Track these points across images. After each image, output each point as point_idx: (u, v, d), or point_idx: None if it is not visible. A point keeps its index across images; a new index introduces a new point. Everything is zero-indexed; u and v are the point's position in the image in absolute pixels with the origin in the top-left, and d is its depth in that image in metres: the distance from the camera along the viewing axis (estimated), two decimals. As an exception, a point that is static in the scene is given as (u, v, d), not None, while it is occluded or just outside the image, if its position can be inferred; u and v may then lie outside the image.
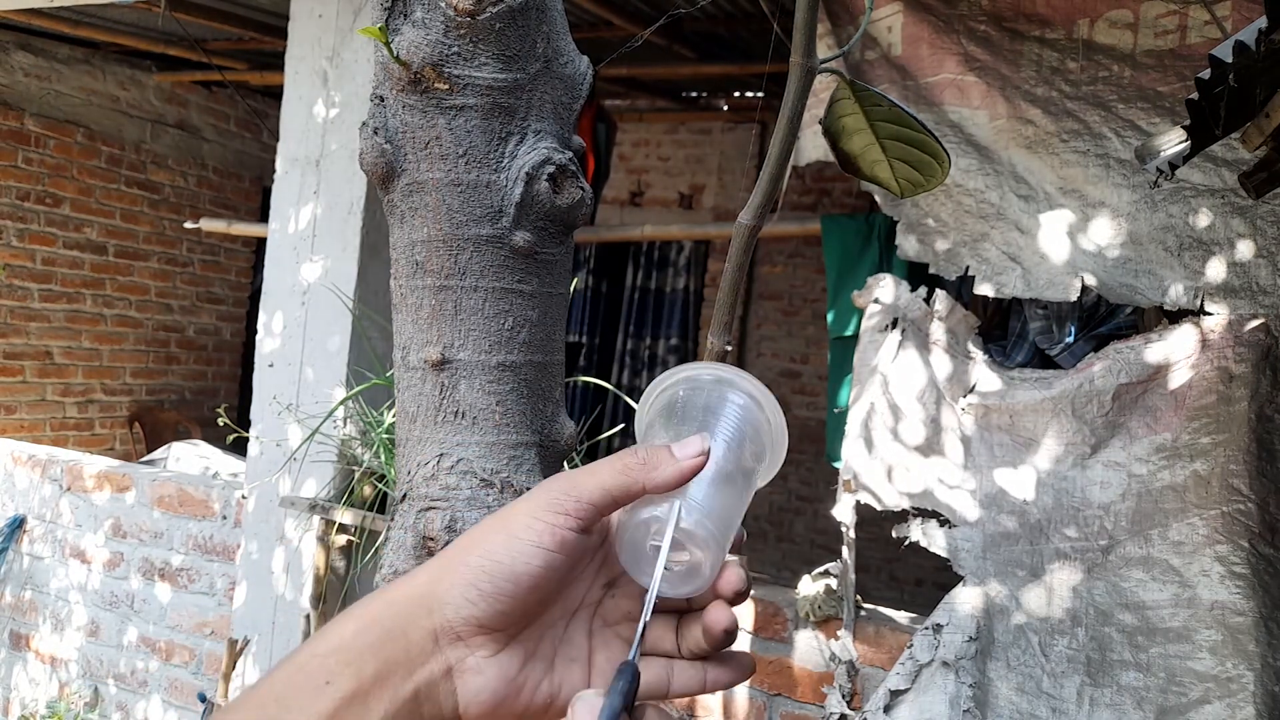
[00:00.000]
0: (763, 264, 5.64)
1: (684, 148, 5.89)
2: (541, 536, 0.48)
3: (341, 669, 0.46)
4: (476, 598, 0.47)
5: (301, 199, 3.08)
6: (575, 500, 0.48)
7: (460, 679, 0.48)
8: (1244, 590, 1.98)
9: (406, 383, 0.87)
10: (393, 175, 0.84)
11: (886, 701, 2.17)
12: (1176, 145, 1.35)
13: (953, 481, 2.34)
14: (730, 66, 4.23)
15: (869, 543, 3.57)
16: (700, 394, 0.54)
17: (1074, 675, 2.08)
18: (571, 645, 0.52)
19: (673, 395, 0.55)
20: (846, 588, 2.43)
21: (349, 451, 2.86)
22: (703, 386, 0.55)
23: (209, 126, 5.83)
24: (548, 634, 0.51)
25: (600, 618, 0.53)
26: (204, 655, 3.37)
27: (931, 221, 2.51)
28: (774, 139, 0.87)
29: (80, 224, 5.21)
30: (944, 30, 2.50)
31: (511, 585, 0.47)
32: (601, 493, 0.49)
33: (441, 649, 0.48)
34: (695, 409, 0.54)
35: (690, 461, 0.49)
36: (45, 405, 5.16)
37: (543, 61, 0.83)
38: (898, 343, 2.42)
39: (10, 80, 4.82)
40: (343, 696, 0.45)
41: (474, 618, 0.47)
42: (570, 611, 0.52)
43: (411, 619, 0.47)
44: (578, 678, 0.51)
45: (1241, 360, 2.10)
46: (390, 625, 0.47)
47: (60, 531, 3.69)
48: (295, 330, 3.07)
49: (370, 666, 0.46)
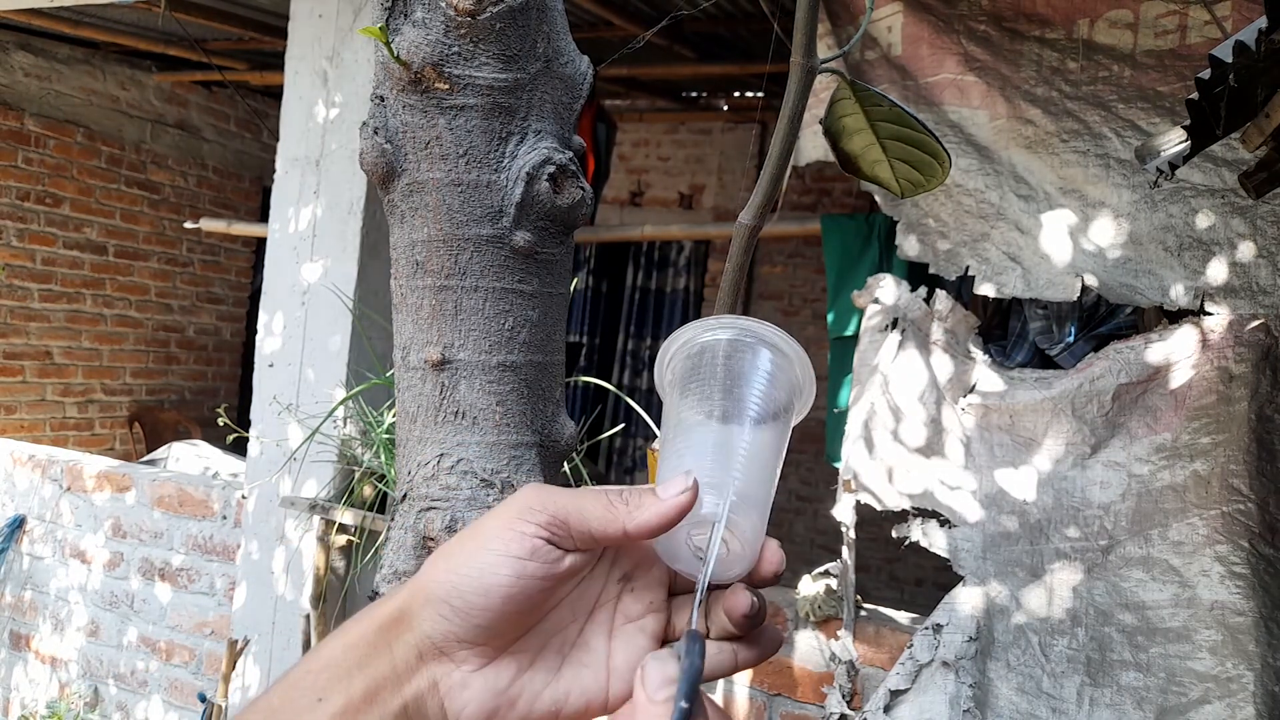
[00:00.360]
0: (763, 264, 5.64)
1: (684, 148, 5.89)
2: (510, 545, 0.46)
3: (332, 685, 0.46)
4: (450, 614, 0.46)
5: (301, 199, 3.08)
6: (548, 514, 0.47)
7: (446, 695, 0.48)
8: (1244, 590, 1.98)
9: (407, 383, 0.87)
10: (393, 175, 0.84)
11: (886, 701, 2.17)
12: (1176, 145, 1.35)
13: (953, 482, 2.34)
14: (730, 66, 4.23)
15: (869, 543, 3.58)
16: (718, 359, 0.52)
17: (1074, 675, 2.08)
18: (586, 650, 0.50)
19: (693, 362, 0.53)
20: (846, 588, 2.43)
21: (349, 451, 2.86)
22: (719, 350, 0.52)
23: (209, 126, 5.83)
24: (553, 640, 0.50)
25: (621, 614, 0.51)
26: (204, 655, 3.37)
27: (931, 221, 2.51)
28: (774, 139, 0.87)
29: (80, 224, 5.21)
30: (944, 30, 2.50)
31: (482, 599, 0.46)
32: (579, 516, 0.47)
33: (426, 665, 0.47)
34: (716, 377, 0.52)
35: (674, 502, 0.47)
36: (45, 405, 5.16)
37: (543, 61, 0.83)
38: (898, 343, 2.42)
39: (10, 80, 4.82)
40: (333, 713, 0.45)
41: (451, 634, 0.47)
42: (585, 613, 0.51)
43: (395, 636, 0.47)
44: (590, 683, 0.50)
45: (1241, 360, 2.10)
46: (376, 642, 0.47)
47: (60, 531, 3.69)
48: (295, 330, 3.07)
49: (359, 684, 0.46)
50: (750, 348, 0.52)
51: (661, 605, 0.51)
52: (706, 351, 0.53)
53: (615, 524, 0.47)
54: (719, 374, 0.52)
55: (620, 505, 0.47)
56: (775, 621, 2.52)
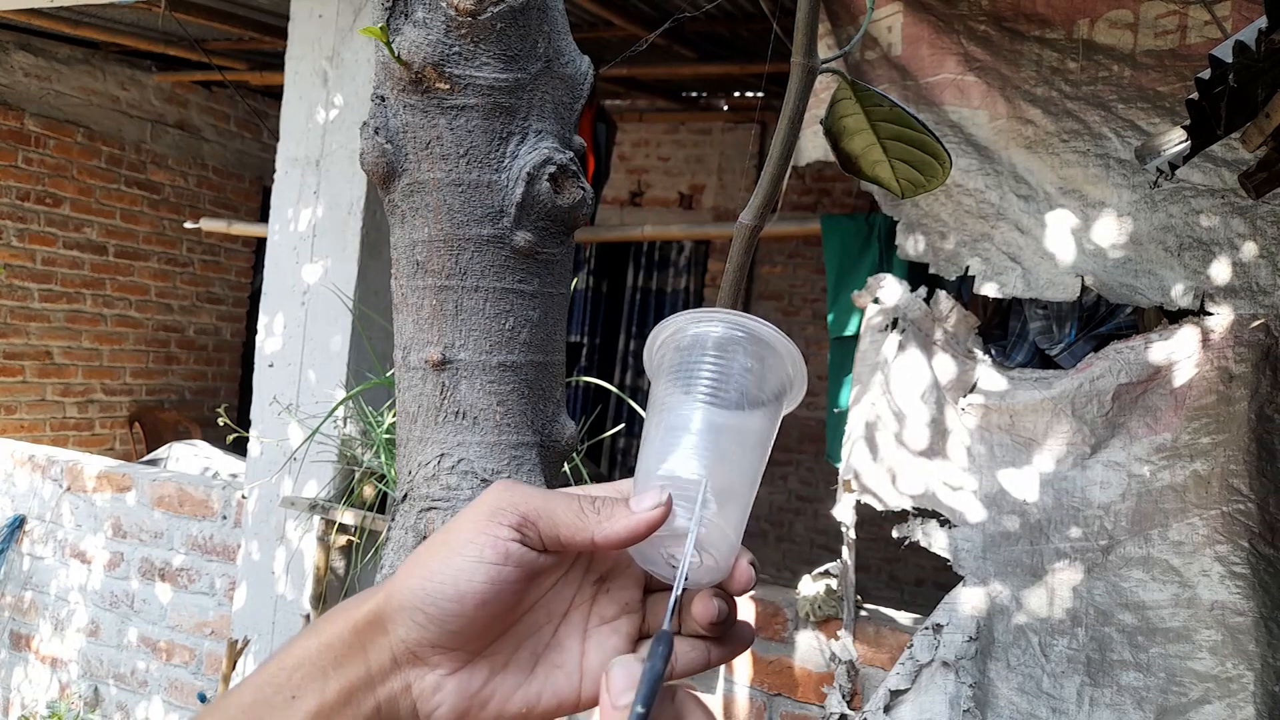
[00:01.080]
0: (763, 264, 5.65)
1: (684, 148, 5.89)
2: (483, 550, 0.46)
3: (306, 684, 0.46)
4: (424, 620, 0.46)
5: (301, 199, 3.08)
6: (519, 515, 0.47)
7: (419, 697, 0.48)
8: (1244, 590, 1.98)
9: (407, 383, 0.87)
10: (393, 175, 0.84)
11: (886, 701, 2.17)
12: (1176, 145, 1.35)
13: (954, 482, 2.34)
14: (730, 66, 4.23)
15: (869, 543, 3.57)
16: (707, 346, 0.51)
17: (1074, 675, 2.08)
18: (560, 650, 0.50)
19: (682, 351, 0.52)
20: (847, 588, 2.43)
21: (349, 452, 2.86)
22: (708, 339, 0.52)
23: (209, 126, 5.83)
24: (527, 642, 0.50)
25: (596, 615, 0.51)
26: (204, 655, 3.37)
27: (932, 221, 2.51)
28: (774, 139, 0.87)
29: (80, 224, 5.21)
30: (944, 30, 2.50)
31: (456, 605, 0.46)
32: (549, 520, 0.47)
33: (401, 668, 0.48)
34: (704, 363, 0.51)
35: (644, 518, 0.47)
36: (45, 405, 5.16)
37: (544, 61, 0.83)
38: (898, 343, 2.42)
39: (10, 80, 4.82)
40: (308, 712, 0.46)
41: (425, 640, 0.47)
42: (560, 615, 0.51)
43: (370, 639, 0.47)
44: (562, 684, 0.50)
45: (1241, 360, 2.10)
46: (352, 643, 0.47)
47: (60, 532, 3.69)
48: (295, 330, 3.07)
49: (333, 684, 0.46)
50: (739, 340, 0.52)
51: (636, 606, 0.52)
52: (696, 339, 0.52)
53: (584, 532, 0.47)
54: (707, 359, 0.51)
55: (591, 514, 0.47)
56: (775, 622, 2.52)
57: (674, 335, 0.53)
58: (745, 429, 0.51)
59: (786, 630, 2.51)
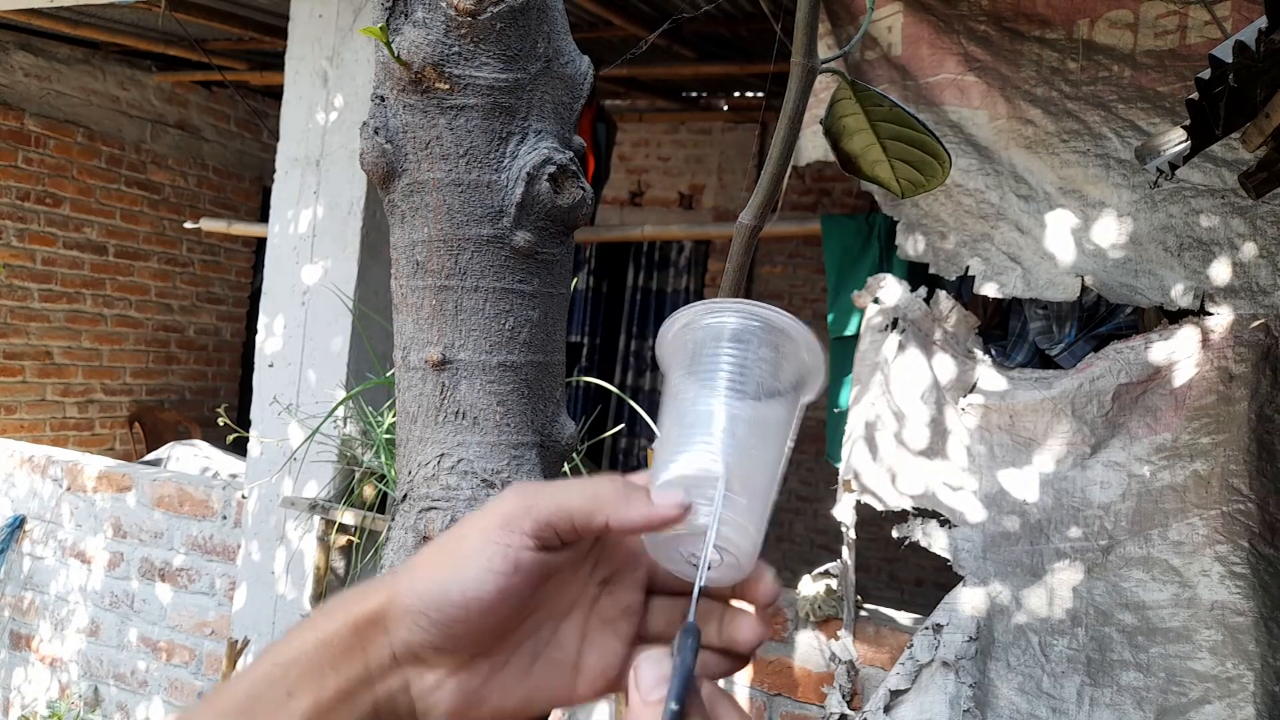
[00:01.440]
0: (763, 264, 5.65)
1: (684, 148, 5.89)
2: (493, 560, 0.45)
3: (303, 682, 0.46)
4: (428, 625, 0.46)
5: (301, 199, 3.08)
6: (533, 520, 0.46)
7: (418, 696, 0.48)
8: (1244, 590, 1.98)
9: (407, 383, 0.87)
10: (393, 175, 0.84)
11: (886, 701, 2.17)
12: (1176, 145, 1.35)
13: (954, 482, 2.34)
14: (730, 66, 4.23)
15: (869, 543, 3.57)
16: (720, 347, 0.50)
17: (1074, 675, 2.08)
18: (558, 648, 0.50)
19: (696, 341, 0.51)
20: (847, 588, 2.43)
21: (349, 452, 2.86)
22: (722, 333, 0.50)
23: (209, 126, 5.83)
24: (528, 641, 0.50)
25: (597, 615, 0.51)
26: (204, 655, 3.37)
27: (932, 222, 2.51)
28: (775, 139, 0.87)
29: (80, 224, 5.21)
30: (944, 30, 2.50)
31: (462, 612, 0.46)
32: (561, 514, 0.46)
33: (400, 666, 0.47)
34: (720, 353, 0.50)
35: (663, 512, 0.46)
36: (45, 405, 5.16)
37: (543, 61, 0.83)
38: (898, 343, 2.42)
39: (10, 80, 4.82)
40: (305, 709, 0.45)
41: (428, 643, 0.47)
42: (562, 613, 0.51)
43: (370, 638, 0.47)
44: (558, 680, 0.50)
45: (1241, 360, 2.10)
46: (351, 641, 0.47)
47: (60, 532, 3.69)
48: (295, 331, 3.07)
49: (331, 682, 0.46)
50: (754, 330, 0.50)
51: (637, 609, 0.51)
52: (711, 329, 0.51)
53: (599, 516, 0.46)
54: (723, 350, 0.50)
55: (608, 499, 0.47)
56: (775, 622, 2.52)
57: (688, 326, 0.52)
58: (764, 420, 0.50)
59: (786, 630, 2.51)
